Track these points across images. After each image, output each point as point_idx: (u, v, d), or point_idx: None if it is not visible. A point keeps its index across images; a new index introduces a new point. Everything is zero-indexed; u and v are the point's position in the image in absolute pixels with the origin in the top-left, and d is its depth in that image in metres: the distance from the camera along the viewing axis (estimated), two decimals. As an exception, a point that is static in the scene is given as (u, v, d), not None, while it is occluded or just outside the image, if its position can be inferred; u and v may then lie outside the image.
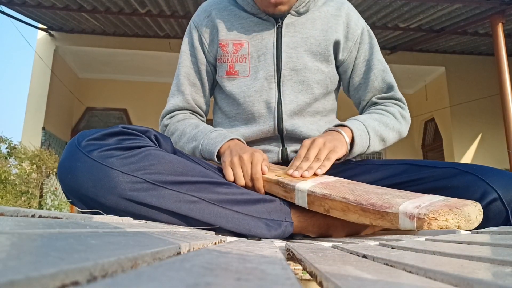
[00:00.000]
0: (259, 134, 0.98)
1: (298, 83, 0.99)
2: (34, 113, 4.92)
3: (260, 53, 0.98)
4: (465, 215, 0.60)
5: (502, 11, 3.82)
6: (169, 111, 1.05)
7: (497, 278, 0.18)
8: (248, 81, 0.99)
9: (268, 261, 0.24)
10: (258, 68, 0.98)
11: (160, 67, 5.60)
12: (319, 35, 0.99)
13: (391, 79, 1.04)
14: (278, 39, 0.98)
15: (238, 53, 0.99)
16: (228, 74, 1.00)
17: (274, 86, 0.98)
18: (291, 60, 0.98)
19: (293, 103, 0.98)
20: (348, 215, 0.70)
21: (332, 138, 0.87)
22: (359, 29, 1.03)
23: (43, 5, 4.12)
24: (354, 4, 3.93)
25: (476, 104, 5.36)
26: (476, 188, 0.73)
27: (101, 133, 0.74)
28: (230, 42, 0.99)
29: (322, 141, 0.85)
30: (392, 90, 1.03)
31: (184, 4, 4.13)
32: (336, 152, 0.84)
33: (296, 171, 0.80)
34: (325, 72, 1.01)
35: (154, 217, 0.70)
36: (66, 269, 0.13)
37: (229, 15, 1.00)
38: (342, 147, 0.86)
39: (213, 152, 0.89)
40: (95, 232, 0.31)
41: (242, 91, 0.98)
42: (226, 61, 1.00)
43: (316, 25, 1.00)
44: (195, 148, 0.94)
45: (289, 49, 0.98)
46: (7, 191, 4.12)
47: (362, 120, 0.93)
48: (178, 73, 1.05)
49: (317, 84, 1.00)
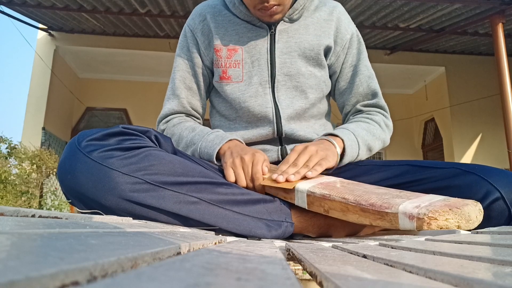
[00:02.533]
0: (259, 137, 0.99)
1: (292, 88, 0.99)
2: (34, 113, 4.92)
3: (254, 58, 0.98)
4: (465, 215, 0.60)
5: (502, 11, 3.82)
6: (165, 115, 1.04)
7: (497, 278, 0.18)
8: (242, 86, 0.99)
9: (268, 261, 0.24)
10: (252, 74, 0.98)
11: (160, 67, 5.60)
12: (312, 39, 0.99)
13: (376, 86, 1.05)
14: (272, 45, 0.98)
15: (232, 59, 0.99)
16: (221, 79, 1.00)
17: (268, 92, 0.98)
18: (285, 65, 0.98)
19: (290, 108, 0.98)
20: (348, 216, 0.70)
21: (324, 147, 0.86)
22: (349, 34, 1.03)
23: (43, 5, 4.13)
24: (354, 4, 3.93)
25: (476, 104, 5.37)
26: (479, 188, 0.73)
27: (101, 133, 0.74)
28: (224, 48, 0.99)
29: (314, 148, 0.84)
30: (376, 97, 1.04)
31: (184, 4, 4.13)
32: (328, 161, 0.83)
33: (281, 176, 0.78)
34: (318, 77, 1.01)
35: (154, 218, 0.70)
36: (66, 269, 0.13)
37: (223, 21, 1.00)
38: (334, 158, 0.86)
39: (212, 154, 0.89)
40: (95, 232, 0.31)
41: (237, 97, 0.99)
42: (220, 66, 1.00)
43: (309, 31, 1.00)
44: (194, 152, 0.94)
45: (282, 54, 0.98)
46: (7, 191, 4.12)
47: (352, 130, 0.94)
48: (174, 77, 1.05)
49: (311, 89, 1.00)
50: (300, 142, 1.00)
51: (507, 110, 3.66)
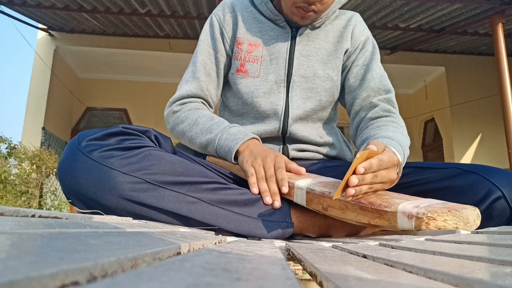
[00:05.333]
0: (263, 133, 0.99)
1: (307, 89, 1.00)
2: (34, 113, 4.92)
3: (273, 57, 1.00)
4: (463, 217, 0.60)
5: (502, 11, 3.82)
6: (182, 96, 1.00)
7: (497, 278, 0.18)
8: (258, 82, 0.99)
9: (268, 261, 0.24)
10: (269, 71, 0.99)
11: (160, 67, 5.60)
12: (330, 47, 1.02)
13: (389, 84, 1.00)
14: (292, 47, 1.00)
15: (252, 54, 1.00)
16: (238, 72, 1.00)
17: (283, 90, 0.99)
18: (302, 67, 0.99)
19: (300, 108, 0.98)
20: (346, 214, 0.70)
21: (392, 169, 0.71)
22: (363, 37, 1.05)
23: (43, 5, 4.13)
24: (354, 4, 3.93)
25: (476, 104, 5.36)
26: (480, 187, 0.73)
27: (101, 133, 0.74)
28: (246, 42, 1.00)
29: (395, 173, 0.71)
30: (390, 93, 0.99)
31: (184, 4, 4.13)
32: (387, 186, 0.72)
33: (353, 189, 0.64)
34: (334, 80, 1.02)
35: (154, 218, 0.70)
36: (66, 269, 0.13)
37: (249, 16, 1.02)
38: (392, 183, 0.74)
39: (233, 148, 0.86)
40: (95, 232, 0.31)
41: (251, 91, 0.98)
42: (238, 59, 1.00)
43: (328, 38, 1.03)
44: (210, 141, 0.90)
45: (301, 56, 1.00)
46: (7, 191, 4.12)
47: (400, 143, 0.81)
48: (195, 60, 1.02)
49: (325, 92, 1.01)
50: (303, 143, 1.00)
51: (507, 110, 3.66)
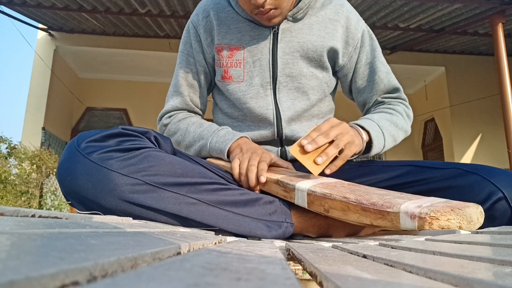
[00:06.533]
0: (259, 138, 0.99)
1: (294, 89, 0.98)
2: (34, 113, 4.92)
3: (255, 58, 0.97)
4: (466, 216, 0.60)
5: (502, 11, 3.82)
6: (168, 111, 1.04)
7: (497, 278, 0.18)
8: (243, 87, 0.98)
9: (268, 261, 0.24)
10: (253, 74, 0.97)
11: (160, 67, 5.60)
12: (316, 40, 0.97)
13: (395, 81, 1.04)
14: (274, 45, 0.97)
15: (233, 58, 0.98)
16: (223, 79, 1.00)
17: (270, 93, 0.98)
18: (287, 66, 0.97)
19: (290, 110, 0.98)
20: (348, 215, 0.69)
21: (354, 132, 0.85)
22: (359, 32, 1.01)
23: (43, 5, 4.12)
24: (354, 4, 3.93)
25: (476, 104, 5.36)
26: (481, 188, 0.73)
27: (101, 134, 0.74)
28: (226, 47, 0.98)
29: (348, 128, 0.81)
30: (398, 92, 1.04)
31: (184, 4, 4.13)
32: (354, 147, 0.81)
33: (310, 145, 0.73)
34: (319, 78, 1.00)
35: (154, 219, 0.70)
36: (66, 269, 0.13)
37: (226, 18, 0.98)
38: (359, 146, 0.85)
39: (223, 149, 0.90)
40: (95, 232, 0.31)
41: (238, 97, 0.98)
42: (221, 66, 0.99)
43: (313, 30, 0.97)
44: (203, 147, 0.94)
45: (285, 54, 0.96)
46: (7, 191, 4.12)
47: (376, 121, 0.93)
48: (177, 73, 1.04)
49: (313, 90, 1.00)
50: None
51: (507, 110, 3.66)
